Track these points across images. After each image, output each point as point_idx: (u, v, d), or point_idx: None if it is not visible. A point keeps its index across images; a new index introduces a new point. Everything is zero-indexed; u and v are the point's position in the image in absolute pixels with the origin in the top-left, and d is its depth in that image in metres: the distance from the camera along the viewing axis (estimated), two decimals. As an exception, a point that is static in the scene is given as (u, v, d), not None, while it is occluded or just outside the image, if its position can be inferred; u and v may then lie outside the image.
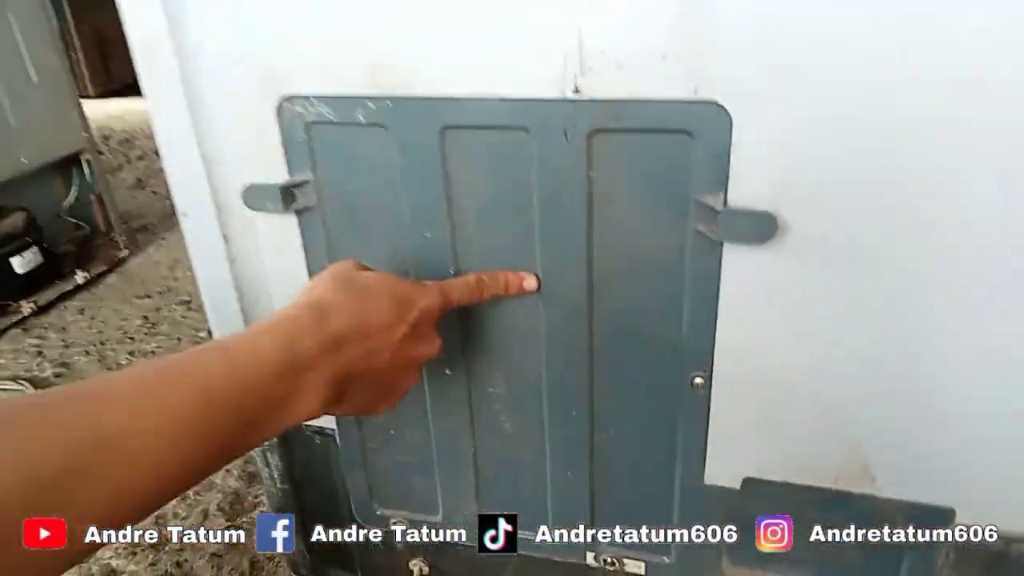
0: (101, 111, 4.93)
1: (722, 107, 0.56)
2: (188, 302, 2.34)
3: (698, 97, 0.56)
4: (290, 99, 0.67)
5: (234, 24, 0.65)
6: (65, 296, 2.39)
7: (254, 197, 0.71)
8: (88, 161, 2.48)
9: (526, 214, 0.67)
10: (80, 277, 2.45)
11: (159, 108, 0.71)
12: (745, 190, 0.59)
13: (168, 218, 3.16)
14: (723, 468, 0.74)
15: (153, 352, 2.05)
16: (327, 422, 0.87)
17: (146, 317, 2.26)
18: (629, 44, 0.56)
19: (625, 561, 0.84)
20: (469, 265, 0.71)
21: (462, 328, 0.75)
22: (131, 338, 2.14)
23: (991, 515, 0.68)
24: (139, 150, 4.13)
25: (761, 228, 0.59)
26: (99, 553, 1.30)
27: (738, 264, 0.63)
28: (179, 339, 2.11)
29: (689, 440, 0.73)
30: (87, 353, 2.08)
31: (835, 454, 0.69)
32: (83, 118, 2.46)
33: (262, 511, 1.33)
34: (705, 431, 0.72)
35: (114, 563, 1.27)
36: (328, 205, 0.72)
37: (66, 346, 2.12)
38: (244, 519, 1.34)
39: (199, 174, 0.72)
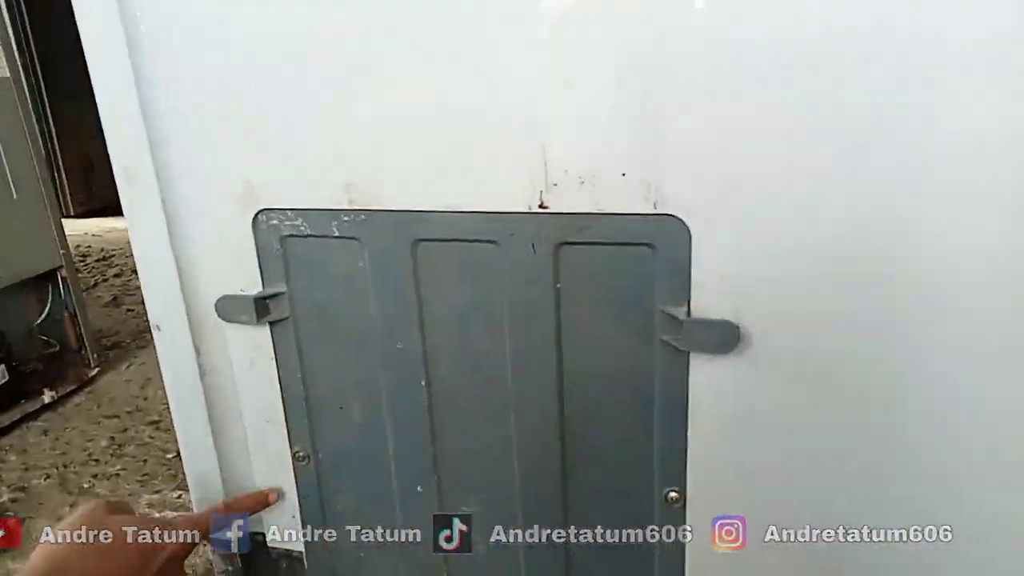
0: (81, 229, 4.99)
1: (681, 220, 0.58)
2: (157, 422, 2.28)
3: (657, 211, 0.59)
4: (266, 212, 0.68)
5: (214, 145, 0.68)
6: (29, 416, 2.32)
7: (228, 308, 0.72)
8: (64, 279, 2.48)
9: (496, 323, 0.67)
10: (47, 396, 2.39)
11: (136, 221, 0.73)
12: (707, 300, 0.61)
13: (142, 336, 3.13)
14: (704, 587, 0.71)
15: (118, 475, 1.97)
16: (296, 544, 0.83)
17: (112, 438, 2.20)
18: (591, 162, 0.59)
19: None
20: (441, 374, 0.71)
21: (430, 441, 0.73)
22: (95, 460, 2.06)
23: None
24: (116, 268, 4.15)
25: (724, 337, 0.60)
26: None
27: (705, 373, 0.63)
28: (145, 460, 2.04)
29: (666, 558, 0.71)
30: (47, 476, 1.99)
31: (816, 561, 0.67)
32: (62, 235, 2.48)
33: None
34: (683, 548, 0.70)
35: None
36: (301, 316, 0.72)
37: (26, 469, 2.04)
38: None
39: (173, 285, 0.73)
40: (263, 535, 0.85)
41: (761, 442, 0.64)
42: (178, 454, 2.08)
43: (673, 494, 0.68)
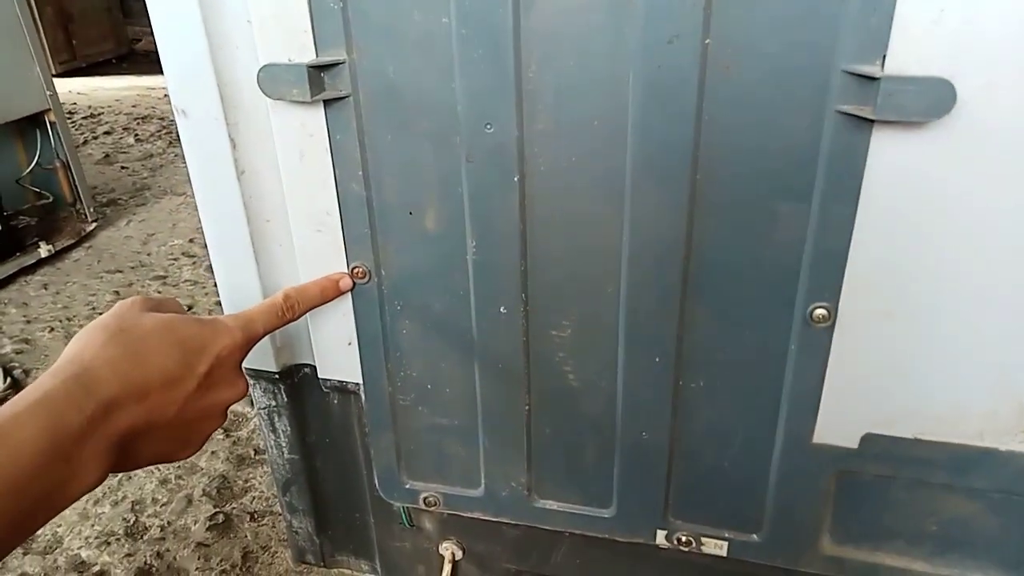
0: (65, 88, 4.70)
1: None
2: (164, 277, 2.17)
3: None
4: (322, -52, 0.53)
5: None
6: (27, 270, 2.20)
7: (273, 81, 0.57)
8: (53, 124, 2.29)
9: (618, 98, 0.53)
10: (44, 250, 2.26)
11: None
12: (911, 53, 0.47)
13: (140, 194, 2.98)
14: (838, 422, 0.61)
15: (125, 328, 1.88)
16: (351, 375, 0.72)
17: (117, 292, 2.09)
18: None
19: (703, 540, 0.71)
20: (540, 168, 0.57)
21: (520, 253, 0.61)
22: (100, 313, 1.96)
23: None
24: (106, 125, 3.93)
25: (935, 99, 0.47)
26: (66, 543, 1.14)
27: (890, 154, 0.50)
28: (154, 315, 1.94)
29: (800, 388, 0.60)
30: (51, 329, 1.90)
31: (984, 401, 0.57)
32: (48, 78, 2.27)
33: (254, 496, 1.18)
34: (821, 377, 0.59)
35: (84, 554, 1.12)
36: (365, 93, 0.58)
37: (28, 322, 1.94)
38: (234, 505, 1.18)
39: (202, 55, 0.58)
40: (312, 366, 0.74)
41: (948, 242, 0.52)
42: (189, 308, 1.98)
43: (821, 311, 0.56)
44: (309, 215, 0.65)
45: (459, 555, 0.82)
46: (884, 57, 0.47)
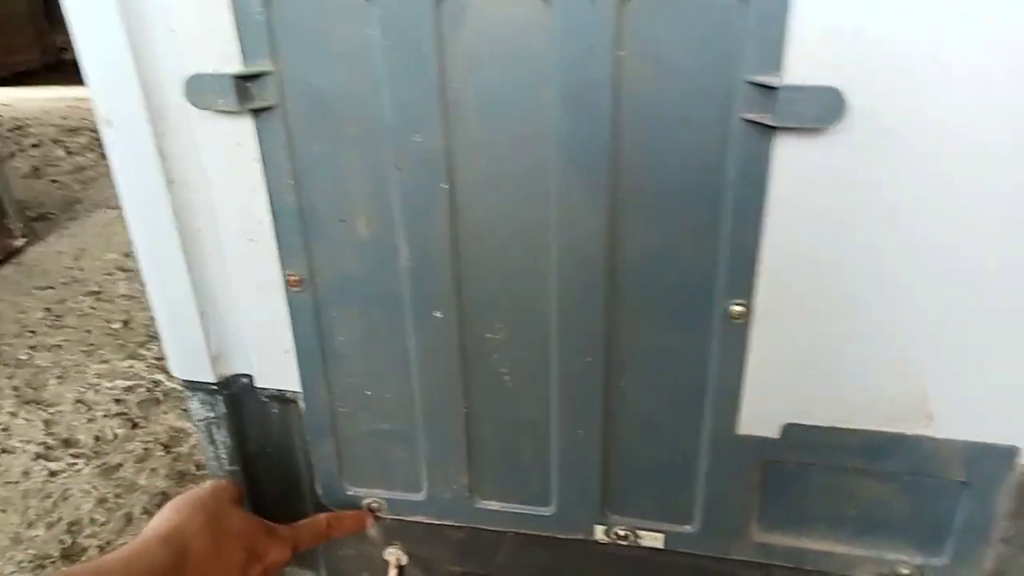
0: (-13, 99, 4.53)
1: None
2: (97, 293, 2.11)
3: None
4: (246, -40, 0.53)
5: None
6: (-49, 289, 2.12)
7: (199, 91, 0.57)
8: (-24, 137, 2.21)
9: (540, 107, 0.55)
10: (-31, 268, 2.18)
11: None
12: (805, 64, 0.50)
13: (71, 208, 2.89)
14: (760, 414, 0.64)
15: (59, 346, 1.81)
16: (289, 383, 0.73)
17: (49, 309, 2.02)
18: None
19: (640, 533, 0.73)
20: (468, 175, 0.59)
21: (452, 259, 0.62)
22: (31, 332, 1.90)
23: (1058, 451, 0.61)
24: (33, 138, 3.79)
25: (827, 107, 0.50)
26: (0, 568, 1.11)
27: (793, 158, 0.53)
28: (88, 331, 1.88)
29: (722, 383, 0.63)
30: (-20, 349, 1.83)
31: (891, 391, 0.61)
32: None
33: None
34: (741, 371, 0.62)
35: (16, 580, 1.08)
36: (292, 103, 0.58)
37: (-46, 342, 1.86)
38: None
39: (126, 64, 0.58)
40: (250, 376, 0.74)
41: (850, 239, 0.55)
42: (125, 323, 1.93)
43: (738, 307, 0.59)
44: (241, 225, 0.65)
45: (404, 560, 0.82)
46: (781, 68, 0.50)
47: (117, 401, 1.53)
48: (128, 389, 1.57)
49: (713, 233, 0.57)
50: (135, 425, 1.44)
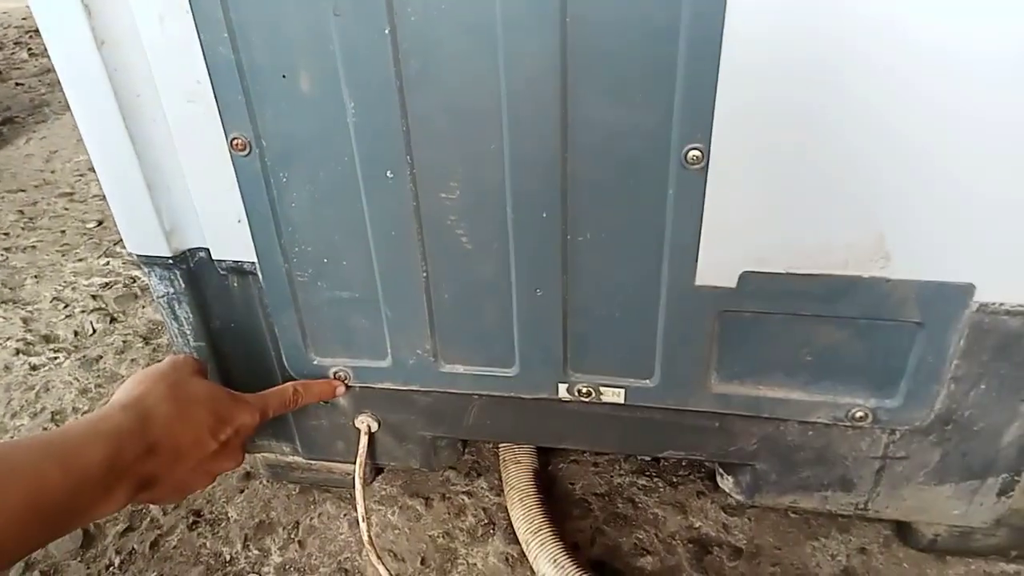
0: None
1: None
2: (70, 194, 2.07)
3: None
4: None
5: None
6: (-82, 194, 2.07)
7: (113, -69, 0.53)
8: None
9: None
10: (-65, 173, 2.12)
11: None
12: None
13: (38, 111, 2.79)
14: (717, 264, 0.64)
15: (34, 247, 1.79)
16: (245, 254, 0.72)
17: (22, 212, 1.99)
18: None
19: (602, 389, 0.74)
20: (410, 18, 0.56)
21: (400, 113, 0.60)
22: (5, 234, 1.87)
23: (1011, 290, 0.61)
24: (-6, 40, 3.63)
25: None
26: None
27: (750, -9, 0.50)
28: (63, 231, 1.85)
29: (680, 233, 0.62)
30: (-46, 254, 1.81)
31: (847, 233, 0.60)
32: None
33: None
34: (699, 220, 0.61)
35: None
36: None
37: (-74, 246, 1.84)
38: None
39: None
40: (207, 249, 0.73)
41: (809, 75, 0.53)
42: (99, 223, 1.91)
43: (695, 152, 0.58)
44: (179, 85, 0.62)
45: (375, 427, 0.84)
46: None
47: (94, 297, 1.52)
48: (105, 286, 1.57)
49: (669, 75, 0.55)
50: (113, 320, 1.44)
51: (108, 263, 1.68)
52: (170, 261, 0.74)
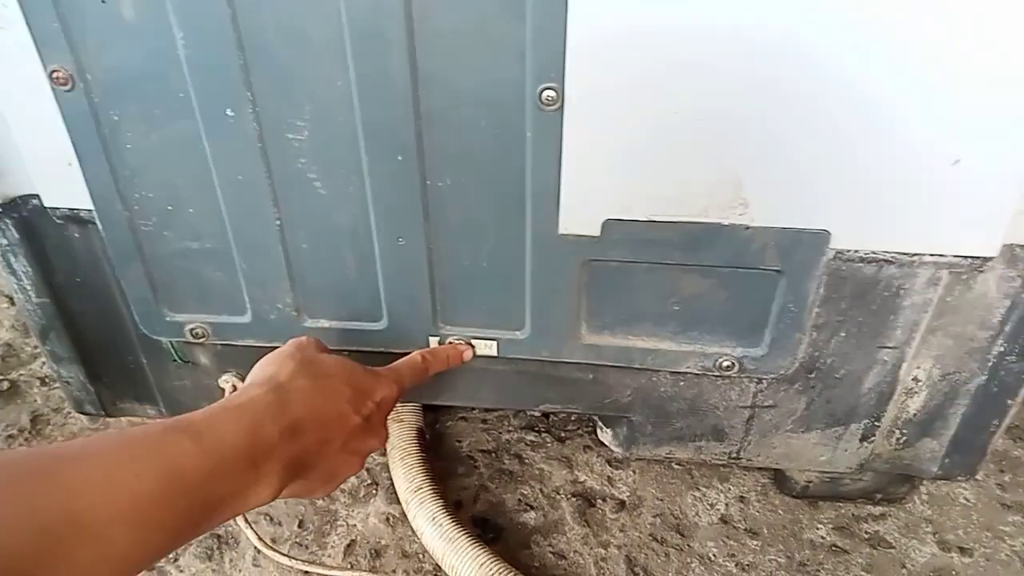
0: None
1: None
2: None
3: None
4: None
5: None
6: None
7: None
8: None
9: None
10: None
11: None
12: None
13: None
14: (579, 211, 0.62)
15: None
16: (80, 201, 0.66)
17: None
18: None
19: (474, 342, 0.72)
20: None
21: (236, 43, 0.55)
22: None
23: (865, 237, 0.61)
24: None
25: None
26: None
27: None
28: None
29: (540, 179, 0.60)
30: None
31: (705, 179, 0.59)
32: None
33: (44, 362, 1.10)
34: (558, 164, 0.59)
35: None
36: None
37: None
38: (21, 372, 1.11)
39: None
40: (38, 196, 0.67)
41: (666, 15, 0.51)
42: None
43: (549, 92, 0.55)
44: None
45: (239, 386, 0.80)
46: None
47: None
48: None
49: (519, 8, 0.52)
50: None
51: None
52: (-2, 209, 0.67)
